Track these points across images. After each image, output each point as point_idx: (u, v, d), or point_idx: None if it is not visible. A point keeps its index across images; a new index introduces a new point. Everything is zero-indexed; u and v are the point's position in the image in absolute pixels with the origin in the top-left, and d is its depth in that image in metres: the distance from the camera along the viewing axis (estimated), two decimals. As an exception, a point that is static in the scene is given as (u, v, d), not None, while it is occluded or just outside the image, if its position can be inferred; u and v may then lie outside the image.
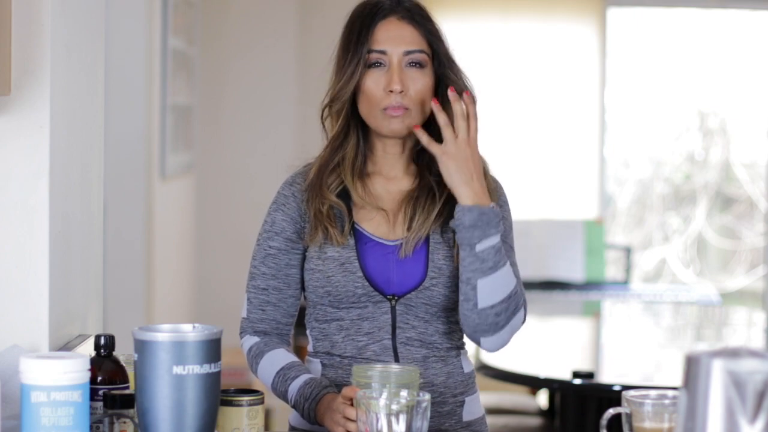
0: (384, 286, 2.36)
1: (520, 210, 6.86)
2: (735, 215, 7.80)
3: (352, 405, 2.15)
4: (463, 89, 2.38)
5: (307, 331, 2.44)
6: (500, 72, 6.92)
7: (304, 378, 2.34)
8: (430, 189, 2.40)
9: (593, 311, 5.56)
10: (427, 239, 2.38)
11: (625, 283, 6.10)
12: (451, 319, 2.40)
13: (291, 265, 2.42)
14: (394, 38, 2.36)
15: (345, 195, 2.40)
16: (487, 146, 2.47)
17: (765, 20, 7.44)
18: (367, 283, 2.35)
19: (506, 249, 2.39)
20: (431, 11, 2.47)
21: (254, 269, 2.44)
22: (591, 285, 5.84)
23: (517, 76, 6.95)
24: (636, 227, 7.77)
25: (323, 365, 2.41)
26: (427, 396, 2.02)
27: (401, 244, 2.37)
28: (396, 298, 2.36)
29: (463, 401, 2.42)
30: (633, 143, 7.60)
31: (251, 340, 2.43)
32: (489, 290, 2.30)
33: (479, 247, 2.27)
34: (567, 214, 6.88)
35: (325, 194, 2.38)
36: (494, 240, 2.28)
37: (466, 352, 2.47)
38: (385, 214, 2.40)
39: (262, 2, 6.64)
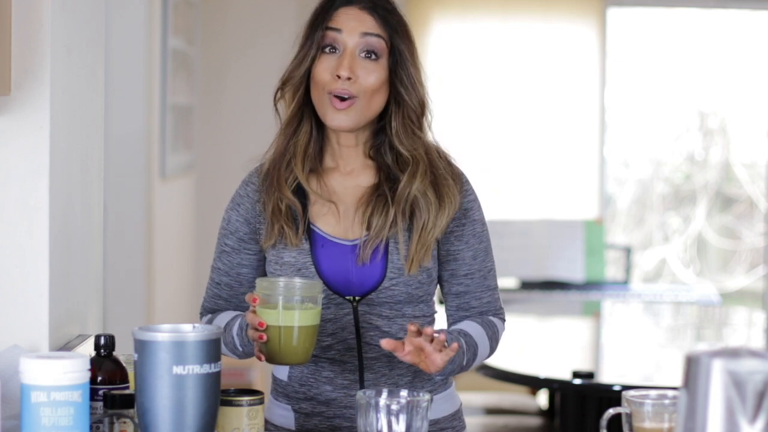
0: (343, 288, 2.33)
1: (520, 210, 6.87)
2: (735, 215, 7.80)
3: (254, 312, 2.16)
4: (411, 84, 2.34)
5: None
6: (500, 72, 6.92)
7: (239, 317, 2.33)
8: (386, 192, 2.35)
9: (593, 311, 5.56)
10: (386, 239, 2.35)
11: (625, 283, 6.10)
12: (417, 314, 2.37)
13: (242, 264, 2.41)
14: (351, 20, 2.31)
15: (300, 192, 2.37)
16: (487, 146, 2.47)
17: (765, 20, 7.44)
18: (325, 287, 2.31)
19: (483, 257, 2.40)
20: (431, 11, 2.45)
21: (213, 263, 2.46)
22: (591, 285, 5.84)
23: (517, 76, 6.95)
24: (636, 227, 7.77)
25: (290, 366, 2.40)
26: (427, 396, 2.02)
27: (358, 245, 2.34)
28: (357, 299, 2.34)
29: (431, 399, 2.41)
30: (633, 143, 7.60)
31: (204, 319, 2.44)
32: (478, 361, 2.37)
33: (462, 369, 2.33)
34: (567, 214, 6.88)
35: (284, 190, 2.34)
36: (467, 358, 2.31)
37: None
38: (340, 211, 2.36)
39: (262, 2, 6.64)
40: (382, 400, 1.99)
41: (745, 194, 7.74)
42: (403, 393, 2.02)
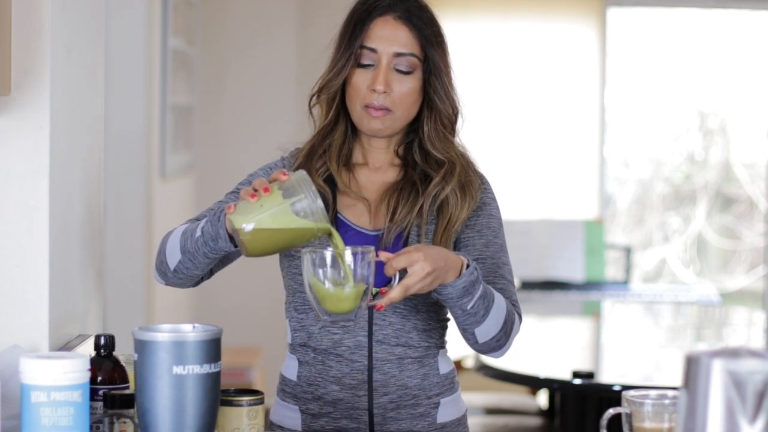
0: None
1: (520, 210, 6.87)
2: (735, 215, 7.80)
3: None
4: (444, 92, 2.39)
5: (286, 322, 2.43)
6: (500, 72, 6.92)
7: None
8: (413, 183, 2.40)
9: (593, 311, 5.56)
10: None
11: (625, 283, 6.10)
12: (432, 315, 2.38)
13: None
14: (386, 37, 2.36)
15: (330, 183, 2.40)
16: (487, 146, 2.48)
17: (765, 20, 7.44)
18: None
19: (497, 249, 2.39)
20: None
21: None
22: (591, 285, 5.84)
23: (516, 76, 6.95)
24: (636, 227, 7.77)
25: (299, 362, 2.40)
26: (371, 248, 2.08)
27: (381, 234, 2.36)
28: (374, 292, 2.33)
29: (438, 403, 2.40)
30: (633, 143, 7.60)
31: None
32: (485, 330, 2.27)
33: (469, 306, 2.23)
34: (567, 214, 6.88)
35: (313, 177, 2.37)
36: (479, 292, 2.22)
37: (445, 352, 2.44)
38: (367, 203, 2.40)
39: (262, 2, 6.64)
40: (328, 250, 2.07)
41: (745, 194, 7.74)
42: (348, 250, 2.08)
